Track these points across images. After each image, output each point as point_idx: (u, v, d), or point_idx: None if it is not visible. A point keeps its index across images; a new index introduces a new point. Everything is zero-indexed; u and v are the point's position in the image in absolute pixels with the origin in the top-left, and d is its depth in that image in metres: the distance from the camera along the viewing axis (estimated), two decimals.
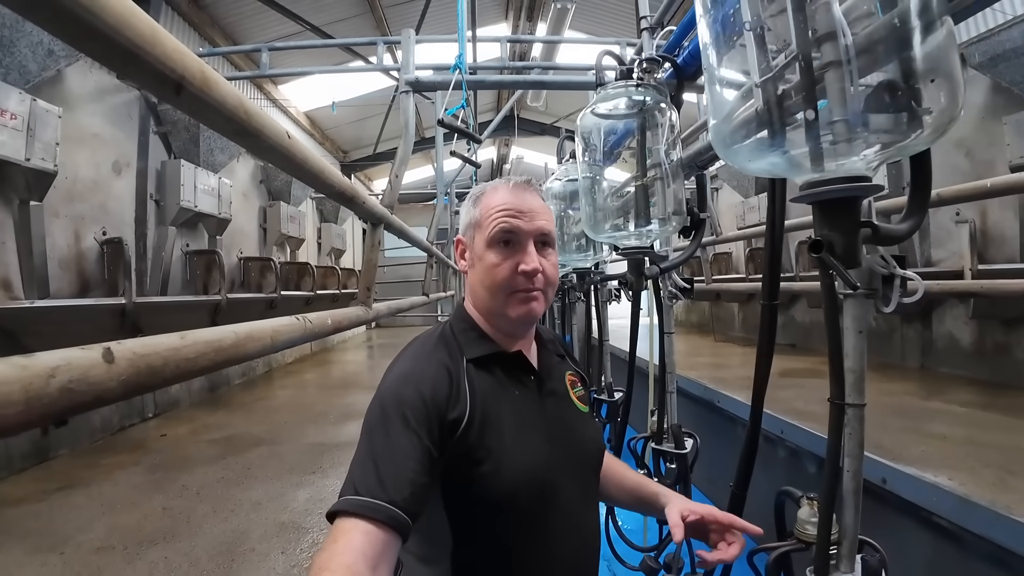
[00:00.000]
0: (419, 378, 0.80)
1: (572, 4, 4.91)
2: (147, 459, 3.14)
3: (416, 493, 0.69)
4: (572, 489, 0.88)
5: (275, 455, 3.11)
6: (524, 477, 0.82)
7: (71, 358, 0.49)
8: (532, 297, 0.88)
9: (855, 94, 0.70)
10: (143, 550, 2.01)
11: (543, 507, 0.83)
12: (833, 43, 0.70)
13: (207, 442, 3.43)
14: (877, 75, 0.70)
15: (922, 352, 4.50)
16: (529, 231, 0.88)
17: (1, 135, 2.89)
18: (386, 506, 0.66)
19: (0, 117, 2.90)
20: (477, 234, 0.91)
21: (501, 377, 0.89)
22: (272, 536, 2.08)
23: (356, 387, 5.37)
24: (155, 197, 4.37)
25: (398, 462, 0.71)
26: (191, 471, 2.86)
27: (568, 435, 0.92)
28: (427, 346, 0.89)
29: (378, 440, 0.74)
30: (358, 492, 0.67)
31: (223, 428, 3.79)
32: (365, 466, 0.71)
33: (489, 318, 0.92)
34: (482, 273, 0.90)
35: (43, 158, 3.10)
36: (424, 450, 0.73)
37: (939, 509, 1.99)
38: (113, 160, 3.99)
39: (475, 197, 0.95)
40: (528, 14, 7.73)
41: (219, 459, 3.05)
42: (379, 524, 0.65)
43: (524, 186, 0.93)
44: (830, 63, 0.70)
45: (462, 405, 0.81)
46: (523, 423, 0.86)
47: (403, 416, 0.74)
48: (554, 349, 1.04)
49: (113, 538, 2.13)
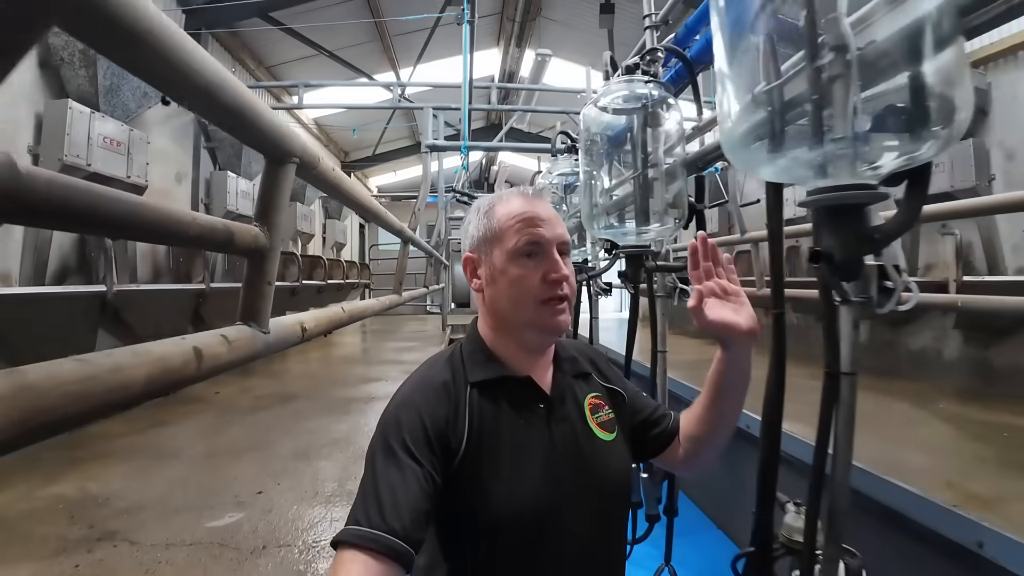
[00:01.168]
0: (420, 402, 0.80)
1: (550, 55, 5.98)
2: (212, 408, 4.11)
3: (417, 520, 0.69)
4: (580, 523, 0.85)
5: (313, 405, 4.11)
6: (515, 509, 0.80)
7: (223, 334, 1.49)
8: (561, 309, 0.87)
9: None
10: (242, 454, 3.00)
11: (538, 540, 0.81)
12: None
13: (255, 397, 4.41)
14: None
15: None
16: (552, 239, 0.88)
17: (110, 159, 3.83)
18: (386, 536, 0.66)
19: (109, 145, 3.84)
20: (495, 248, 0.89)
21: (506, 403, 0.86)
22: (329, 446, 3.08)
23: (362, 362, 6.37)
24: (205, 201, 5.32)
25: (398, 489, 0.70)
26: (253, 414, 3.85)
27: (580, 465, 0.87)
28: (434, 369, 0.88)
29: (380, 468, 0.73)
30: (359, 522, 0.67)
31: (264, 389, 4.77)
32: (366, 495, 0.71)
33: (512, 334, 0.90)
34: (508, 287, 0.87)
35: (138, 175, 4.05)
36: (425, 475, 0.73)
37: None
38: (176, 172, 4.93)
39: (484, 210, 0.92)
40: (517, 41, 8.74)
41: (270, 407, 4.05)
42: (378, 555, 0.65)
43: (537, 195, 0.93)
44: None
45: (460, 431, 0.80)
46: (522, 453, 0.84)
47: (403, 441, 0.74)
48: (572, 369, 0.98)
49: (215, 450, 3.11)
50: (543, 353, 0.93)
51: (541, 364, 0.92)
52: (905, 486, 2.09)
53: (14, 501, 2.48)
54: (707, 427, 0.99)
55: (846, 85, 0.69)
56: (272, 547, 2.01)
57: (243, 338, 0.96)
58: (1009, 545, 1.70)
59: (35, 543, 2.10)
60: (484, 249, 0.90)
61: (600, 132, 1.58)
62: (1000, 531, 1.73)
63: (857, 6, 0.72)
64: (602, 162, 1.58)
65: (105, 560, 1.98)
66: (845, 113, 0.69)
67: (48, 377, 0.55)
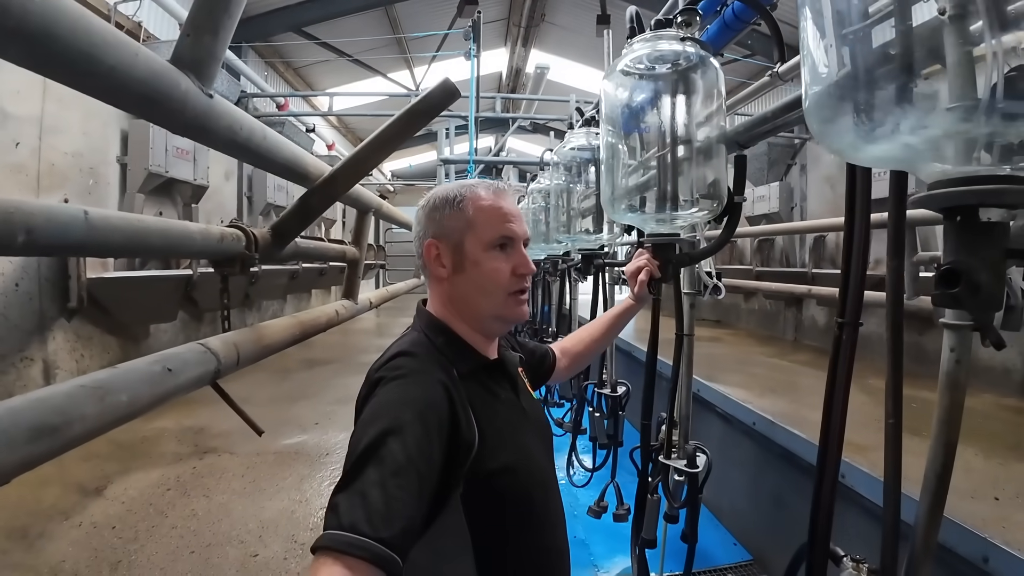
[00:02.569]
0: (422, 404, 0.75)
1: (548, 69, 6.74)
2: (263, 369, 5.00)
3: (408, 529, 0.65)
4: (552, 472, 0.98)
5: (344, 367, 5.04)
6: (532, 479, 0.87)
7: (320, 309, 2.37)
8: (524, 300, 0.93)
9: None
10: (296, 400, 3.93)
11: (546, 498, 0.91)
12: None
13: (297, 361, 5.35)
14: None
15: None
16: (521, 234, 0.92)
17: (180, 165, 4.70)
18: (373, 543, 0.60)
19: (180, 154, 4.70)
20: (469, 236, 0.89)
21: (489, 386, 0.91)
22: None
23: (378, 335, 7.37)
24: (248, 195, 6.20)
25: (391, 494, 0.64)
26: (298, 373, 4.79)
27: (540, 425, 1.00)
28: (416, 363, 0.83)
29: (371, 468, 0.66)
30: (342, 526, 0.61)
31: (303, 355, 5.70)
32: (351, 498, 0.64)
33: (477, 323, 0.93)
34: (480, 277, 0.89)
35: (202, 177, 4.92)
36: (422, 480, 0.68)
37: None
38: (224, 170, 5.80)
39: (454, 200, 0.92)
40: (523, 42, 9.43)
41: (311, 368, 4.99)
42: (362, 563, 0.59)
43: (504, 190, 0.95)
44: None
45: (471, 426, 0.80)
46: (516, 426, 0.91)
47: (403, 443, 0.69)
48: (507, 344, 1.07)
49: (276, 397, 4.04)
50: (497, 337, 1.00)
51: (494, 344, 0.98)
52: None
53: (125, 432, 3.33)
54: (596, 347, 1.41)
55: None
56: (332, 455, 2.92)
57: (348, 306, 1.83)
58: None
59: (155, 457, 3.01)
60: (453, 237, 0.90)
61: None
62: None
63: None
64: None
65: (214, 464, 2.89)
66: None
67: (277, 328, 1.41)
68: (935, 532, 0.81)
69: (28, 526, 2.09)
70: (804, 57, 0.66)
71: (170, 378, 0.80)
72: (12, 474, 0.51)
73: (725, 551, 3.30)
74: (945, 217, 0.57)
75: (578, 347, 1.37)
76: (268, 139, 1.14)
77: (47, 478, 2.59)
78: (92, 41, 0.61)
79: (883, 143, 0.55)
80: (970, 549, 1.59)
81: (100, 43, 0.63)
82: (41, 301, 3.57)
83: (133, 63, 0.71)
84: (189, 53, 0.86)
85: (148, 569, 1.81)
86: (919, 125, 0.51)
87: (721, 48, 2.04)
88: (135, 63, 0.71)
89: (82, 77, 0.64)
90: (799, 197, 5.85)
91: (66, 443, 0.56)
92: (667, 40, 1.28)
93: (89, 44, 0.61)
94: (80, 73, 0.63)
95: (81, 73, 0.63)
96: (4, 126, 3.30)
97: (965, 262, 0.54)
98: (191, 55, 0.86)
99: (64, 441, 0.55)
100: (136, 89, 0.74)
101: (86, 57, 0.61)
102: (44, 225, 0.64)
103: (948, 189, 0.54)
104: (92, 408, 0.59)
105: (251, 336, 1.19)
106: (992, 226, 0.54)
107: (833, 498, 1.02)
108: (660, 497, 1.88)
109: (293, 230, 1.36)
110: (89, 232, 0.74)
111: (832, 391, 1.01)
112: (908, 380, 0.86)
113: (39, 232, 0.63)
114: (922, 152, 0.54)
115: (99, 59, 0.63)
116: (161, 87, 0.79)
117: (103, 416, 0.61)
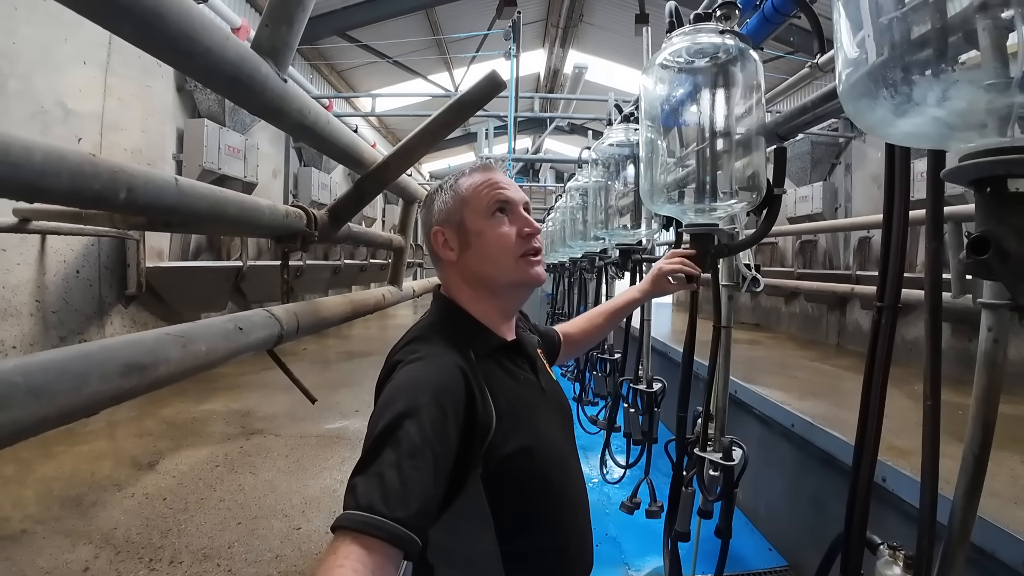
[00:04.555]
0: (438, 386, 0.76)
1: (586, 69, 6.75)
2: (305, 359, 5.21)
3: (424, 509, 0.66)
4: (573, 452, 0.97)
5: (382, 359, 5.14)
6: (552, 458, 0.88)
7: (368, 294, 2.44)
8: (539, 260, 0.92)
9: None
10: (338, 388, 4.04)
11: (567, 478, 0.91)
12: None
13: (336, 352, 5.52)
14: None
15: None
16: (518, 199, 0.93)
17: (232, 163, 4.91)
18: (389, 523, 0.61)
19: (232, 152, 4.92)
20: (466, 211, 0.91)
21: (507, 366, 0.91)
22: None
23: None
24: (293, 192, 6.42)
25: (407, 475, 0.66)
26: (338, 363, 4.93)
27: (559, 405, 0.99)
28: (432, 346, 0.85)
29: (388, 450, 0.67)
30: (360, 506, 0.63)
31: (341, 347, 5.88)
32: (369, 479, 0.65)
33: (494, 296, 0.93)
34: (486, 246, 0.90)
35: (251, 175, 5.12)
36: (438, 461, 0.69)
37: None
38: (272, 169, 6.03)
39: (450, 185, 0.95)
40: (561, 43, 9.45)
41: (350, 360, 5.12)
42: (379, 542, 0.61)
43: (493, 165, 0.98)
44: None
45: (488, 408, 0.80)
46: (535, 407, 0.90)
47: (419, 424, 0.70)
48: (524, 326, 1.08)
49: (317, 385, 4.11)
50: (515, 315, 1.00)
51: (511, 325, 0.99)
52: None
53: (177, 414, 3.52)
54: (594, 336, 1.44)
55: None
56: None
57: (393, 292, 1.91)
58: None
59: (204, 436, 3.15)
60: (454, 218, 0.92)
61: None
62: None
63: None
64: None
65: (260, 444, 3.01)
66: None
67: (331, 304, 1.49)
68: (972, 516, 0.80)
69: (82, 495, 2.22)
70: (836, 40, 0.67)
71: (241, 336, 0.87)
72: (104, 404, 0.57)
73: (760, 556, 3.24)
74: (976, 190, 0.58)
75: (578, 334, 1.39)
76: (331, 124, 1.22)
77: (102, 452, 2.75)
78: (192, 24, 0.69)
79: (913, 117, 0.56)
80: (1012, 554, 1.56)
81: (199, 27, 0.70)
82: (100, 287, 3.80)
83: (224, 47, 0.78)
84: (268, 41, 0.94)
85: (197, 537, 1.90)
86: (945, 97, 0.53)
87: (760, 42, 2.03)
88: (226, 47, 0.79)
89: (182, 56, 0.72)
90: (843, 198, 5.67)
91: (152, 382, 0.62)
92: (706, 33, 1.29)
93: (190, 27, 0.68)
94: (181, 52, 0.70)
95: (182, 52, 0.70)
96: (67, 122, 3.51)
97: (995, 230, 0.55)
98: (269, 43, 0.94)
99: (151, 380, 0.61)
100: (226, 71, 0.81)
101: (187, 38, 0.69)
102: (143, 186, 0.72)
103: (977, 160, 0.55)
104: (175, 353, 0.65)
105: (309, 308, 1.27)
106: (1021, 196, 0.55)
107: (871, 485, 1.02)
108: (694, 491, 1.87)
109: (348, 212, 1.44)
110: (180, 197, 0.82)
111: (871, 376, 1.00)
112: (956, 387, 0.84)
113: (138, 192, 0.70)
114: (951, 126, 0.55)
115: (198, 40, 0.70)
116: (246, 70, 0.86)
117: (184, 361, 0.67)
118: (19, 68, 3.19)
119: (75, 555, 1.79)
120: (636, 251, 2.57)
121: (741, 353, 5.08)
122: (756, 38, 2.18)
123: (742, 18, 1.53)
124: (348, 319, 1.50)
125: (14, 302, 3.26)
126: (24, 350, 3.36)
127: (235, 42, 0.81)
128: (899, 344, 1.96)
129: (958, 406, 1.25)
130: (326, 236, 1.40)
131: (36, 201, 0.58)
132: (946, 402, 0.93)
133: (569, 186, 4.09)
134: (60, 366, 0.54)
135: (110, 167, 0.64)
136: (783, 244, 6.56)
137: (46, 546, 1.84)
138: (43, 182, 0.54)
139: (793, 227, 5.67)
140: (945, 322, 3.91)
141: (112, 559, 1.77)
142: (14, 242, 3.20)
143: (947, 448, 0.93)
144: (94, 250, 3.73)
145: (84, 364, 0.55)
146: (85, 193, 0.60)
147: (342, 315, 1.44)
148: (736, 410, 3.53)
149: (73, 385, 0.54)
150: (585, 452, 4.85)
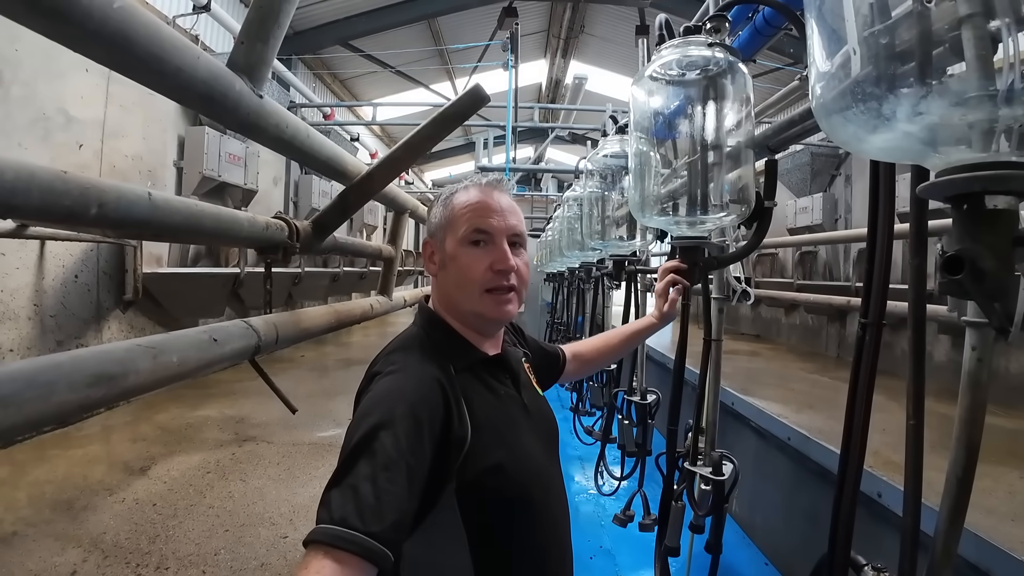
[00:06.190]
0: (415, 398, 0.76)
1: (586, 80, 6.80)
2: (302, 367, 5.21)
3: (399, 523, 0.65)
4: (555, 469, 0.95)
5: None
6: (530, 477, 0.85)
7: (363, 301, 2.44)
8: (507, 299, 0.89)
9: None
10: (333, 396, 4.03)
11: (546, 496, 0.88)
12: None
13: (333, 360, 5.51)
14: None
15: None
16: (501, 229, 0.89)
17: (232, 170, 4.94)
18: (362, 537, 0.61)
19: (232, 160, 4.95)
20: (448, 234, 0.90)
21: (488, 381, 0.90)
22: None
23: None
24: (294, 200, 6.45)
25: (381, 488, 0.65)
26: (335, 371, 4.93)
27: (543, 422, 0.98)
28: (411, 358, 0.85)
29: (362, 463, 0.67)
30: (333, 520, 0.62)
31: (338, 355, 5.87)
32: (343, 492, 0.65)
33: (463, 318, 0.92)
34: (455, 274, 0.89)
35: (252, 182, 5.15)
36: (412, 473, 0.69)
37: None
38: (273, 176, 6.06)
39: (444, 198, 0.94)
40: (562, 54, 9.52)
41: (347, 367, 5.12)
42: (352, 556, 0.60)
43: (495, 184, 0.94)
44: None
45: (464, 422, 0.79)
46: (514, 423, 0.89)
47: (394, 437, 0.69)
48: (511, 340, 1.07)
49: (313, 392, 4.16)
50: (495, 334, 0.97)
51: (497, 341, 0.98)
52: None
53: (172, 419, 3.52)
54: (607, 358, 1.45)
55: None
56: None
57: (383, 302, 1.91)
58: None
59: (198, 442, 3.14)
60: (439, 235, 0.92)
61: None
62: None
63: None
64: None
65: (253, 451, 3.01)
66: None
67: (314, 315, 1.49)
68: (956, 539, 0.79)
69: (74, 499, 2.22)
70: (809, 55, 0.67)
71: (215, 347, 0.87)
72: (73, 413, 0.57)
73: (756, 570, 3.21)
74: (952, 207, 0.56)
75: (591, 354, 1.39)
76: (311, 137, 1.23)
77: (96, 457, 2.75)
78: (162, 45, 0.70)
79: (884, 133, 0.56)
80: (1008, 573, 1.54)
81: (169, 47, 0.72)
82: (98, 292, 3.81)
83: (195, 65, 0.79)
84: (243, 58, 0.95)
85: (184, 543, 1.90)
86: (914, 112, 0.52)
87: (754, 54, 2.08)
88: (197, 65, 0.80)
89: (153, 76, 0.73)
90: (843, 209, 5.67)
91: (121, 392, 0.62)
92: (696, 46, 1.29)
93: (159, 48, 0.70)
94: (152, 72, 0.72)
95: (153, 72, 0.72)
96: (68, 128, 3.54)
97: (969, 249, 0.54)
98: (244, 60, 0.95)
99: (120, 390, 0.62)
100: (198, 88, 0.82)
101: (157, 59, 0.70)
102: (114, 201, 0.72)
103: (952, 176, 0.53)
104: (145, 364, 0.65)
105: (290, 319, 1.27)
106: (999, 213, 0.53)
107: (854, 502, 1.00)
108: (685, 505, 1.87)
109: (332, 223, 1.44)
110: (152, 211, 0.83)
111: (855, 394, 0.99)
112: (952, 403, 0.82)
113: (109, 207, 0.71)
114: (922, 141, 0.54)
115: (167, 61, 0.72)
116: (219, 87, 0.87)
117: (155, 372, 0.67)
118: (22, 75, 3.23)
119: (64, 558, 1.78)
120: (630, 262, 2.59)
121: (740, 364, 5.05)
122: (748, 50, 2.16)
123: (734, 30, 1.55)
124: (332, 329, 1.50)
125: (12, 306, 3.27)
126: (21, 354, 3.37)
127: (207, 60, 0.82)
128: (899, 356, 1.89)
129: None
130: (309, 247, 1.40)
131: (7, 218, 0.58)
132: (946, 416, 0.90)
133: (565, 196, 4.11)
134: (28, 376, 0.54)
135: (80, 183, 0.65)
136: (783, 255, 6.52)
137: (36, 549, 1.84)
138: (13, 200, 0.55)
139: (793, 238, 5.68)
140: (944, 335, 3.98)
141: (100, 563, 1.77)
142: (13, 247, 3.21)
143: (944, 464, 0.91)
144: (93, 255, 3.75)
145: (53, 374, 0.56)
146: (55, 210, 0.61)
147: (325, 325, 1.44)
148: (733, 422, 3.52)
149: (40, 394, 0.54)
150: (581, 463, 4.84)
